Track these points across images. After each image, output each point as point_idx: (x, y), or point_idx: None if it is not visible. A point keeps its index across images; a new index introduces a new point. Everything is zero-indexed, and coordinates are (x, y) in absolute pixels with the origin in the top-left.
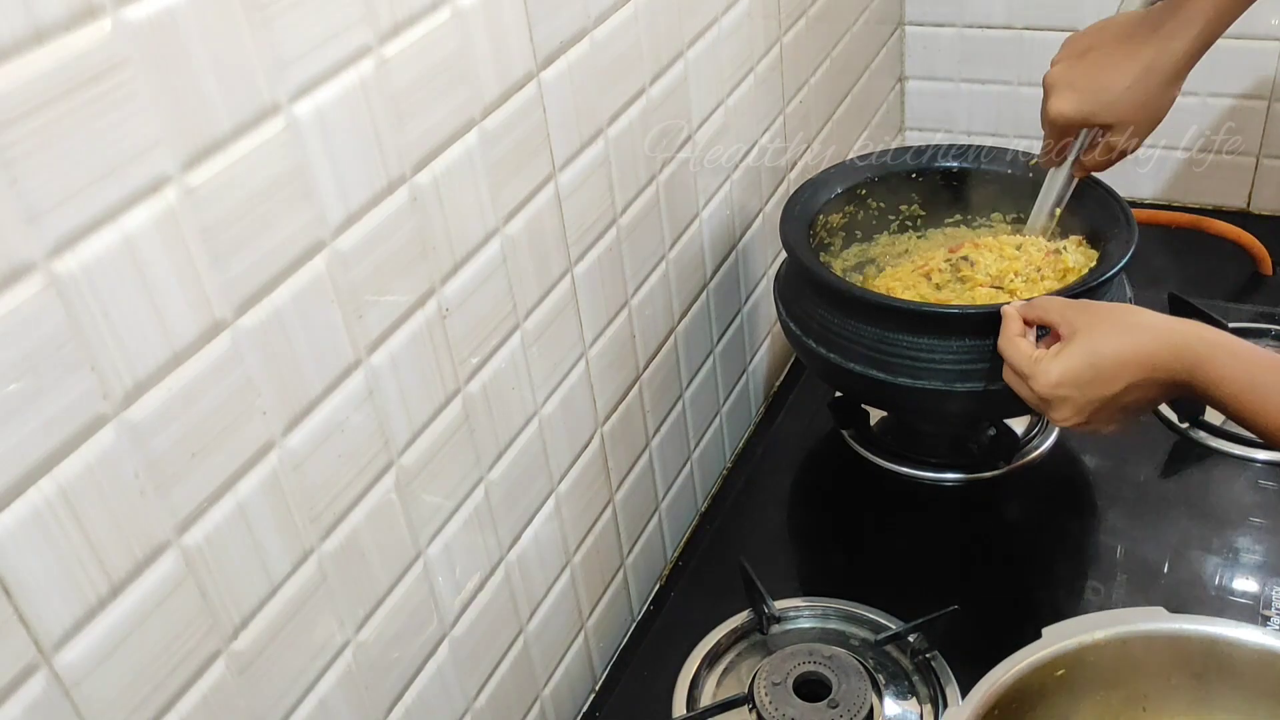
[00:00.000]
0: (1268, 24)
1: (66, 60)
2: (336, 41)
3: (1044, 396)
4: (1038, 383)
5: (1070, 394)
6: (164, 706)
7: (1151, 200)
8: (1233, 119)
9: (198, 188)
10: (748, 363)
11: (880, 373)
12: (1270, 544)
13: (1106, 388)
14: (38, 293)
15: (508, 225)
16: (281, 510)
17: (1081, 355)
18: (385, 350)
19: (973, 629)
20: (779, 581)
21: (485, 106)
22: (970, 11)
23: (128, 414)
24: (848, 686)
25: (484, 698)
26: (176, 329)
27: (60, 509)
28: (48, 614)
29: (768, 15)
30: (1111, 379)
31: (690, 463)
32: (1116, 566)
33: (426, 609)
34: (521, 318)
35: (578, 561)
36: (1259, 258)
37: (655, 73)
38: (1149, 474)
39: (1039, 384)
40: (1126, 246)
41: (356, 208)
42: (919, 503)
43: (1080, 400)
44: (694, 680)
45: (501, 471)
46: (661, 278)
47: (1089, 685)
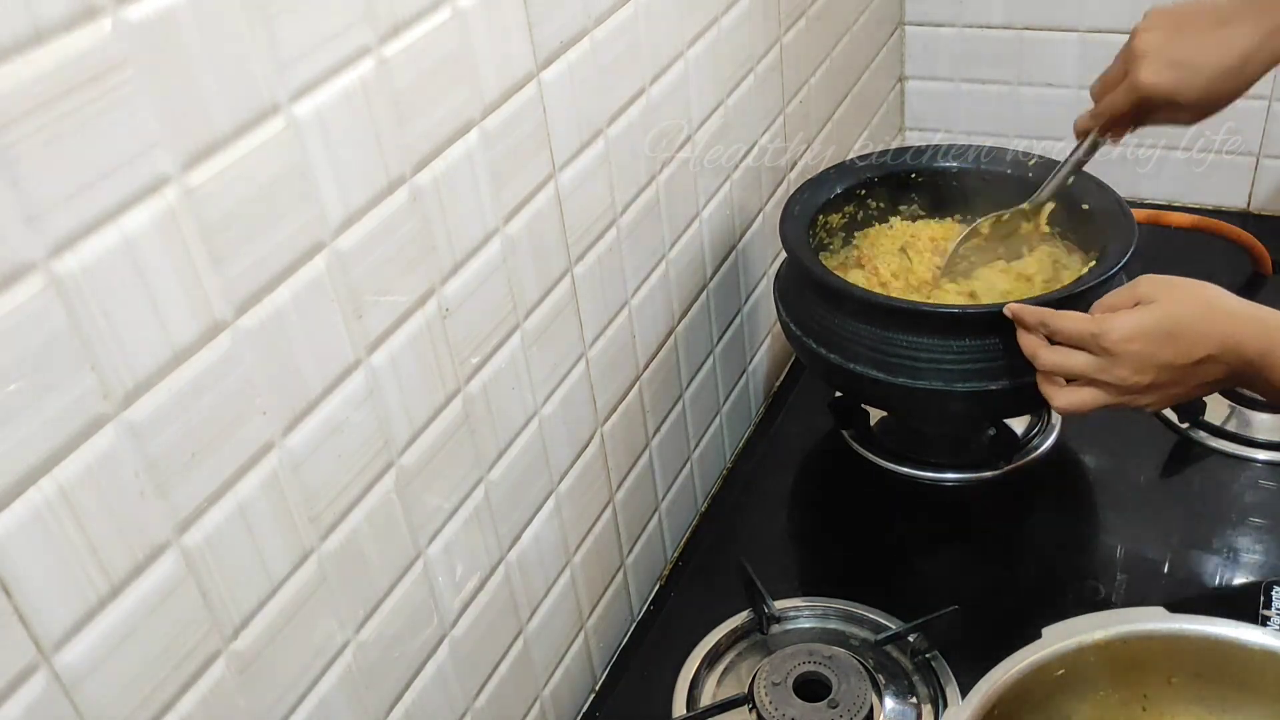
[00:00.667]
0: None
1: (66, 60)
2: (336, 41)
3: (1113, 350)
4: (1109, 336)
5: (1141, 350)
6: (164, 706)
7: (1151, 200)
8: (1233, 119)
9: (198, 188)
10: (748, 363)
11: (880, 373)
12: (1270, 544)
13: (1181, 354)
14: (38, 293)
15: (508, 225)
16: (281, 510)
17: (1162, 317)
18: (385, 350)
19: (973, 629)
20: (779, 581)
21: (485, 106)
22: (970, 11)
23: (128, 414)
24: (848, 686)
25: (484, 698)
26: (176, 329)
27: (60, 509)
28: (48, 614)
29: (768, 15)
30: (1189, 346)
31: (690, 463)
32: (1116, 566)
33: (426, 609)
34: (521, 318)
35: (578, 561)
36: (1259, 258)
37: (655, 73)
38: (1149, 474)
39: (1110, 336)
40: (1126, 246)
41: (356, 208)
42: (919, 503)
43: (1149, 359)
44: (694, 680)
45: (501, 471)
46: (661, 278)
47: (1089, 685)
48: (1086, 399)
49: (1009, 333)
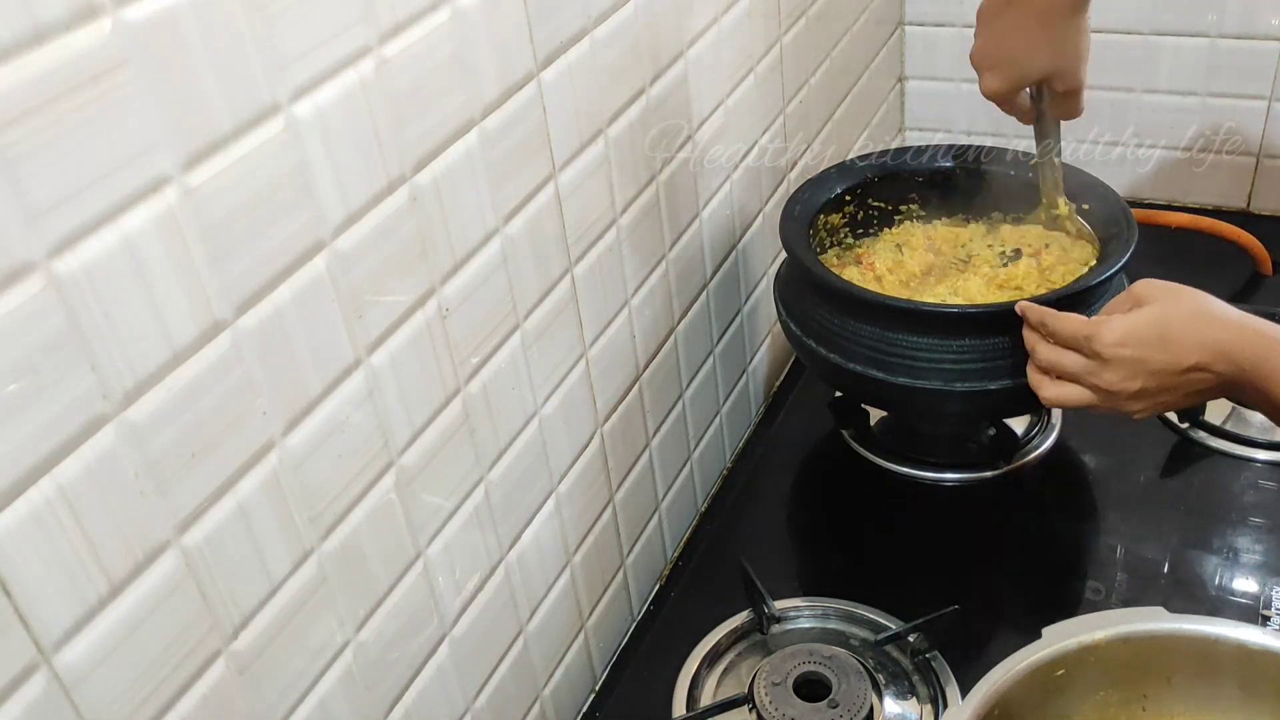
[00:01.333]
0: (1268, 24)
1: (66, 60)
2: (336, 41)
3: (1103, 354)
4: (1100, 340)
5: (1133, 354)
6: (164, 706)
7: (1151, 200)
8: (1233, 119)
9: (198, 188)
10: (748, 363)
11: (880, 373)
12: (1270, 544)
13: (1172, 359)
14: (38, 293)
15: (508, 225)
16: (281, 510)
17: (1153, 321)
18: (385, 350)
19: (973, 629)
20: (779, 581)
21: (485, 106)
22: (970, 11)
23: (128, 414)
24: (848, 686)
25: (484, 698)
26: (176, 329)
27: (60, 509)
28: (48, 614)
29: (768, 15)
30: (1180, 352)
31: (690, 463)
32: (1116, 566)
33: (426, 609)
34: (521, 318)
35: (578, 561)
36: (1259, 258)
37: (655, 73)
38: (1149, 474)
39: (1102, 340)
40: (1126, 246)
41: (356, 208)
42: (919, 503)
43: (1140, 364)
44: (694, 680)
45: (501, 471)
46: (661, 278)
47: (1089, 685)
48: (1073, 395)
49: (1008, 332)
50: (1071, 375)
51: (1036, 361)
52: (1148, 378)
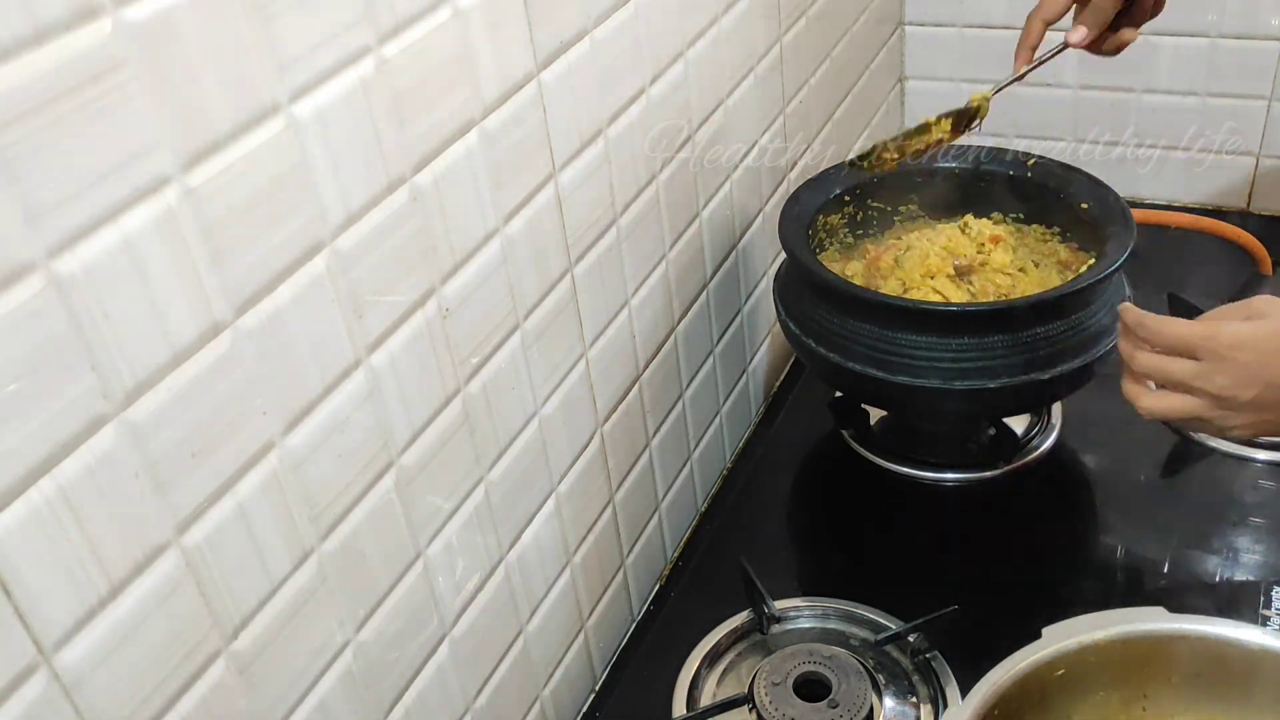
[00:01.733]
0: (1268, 24)
1: (66, 60)
2: (336, 41)
3: (1221, 353)
4: (1219, 339)
5: (1251, 360)
6: (164, 706)
7: (1151, 200)
8: (1233, 119)
9: (198, 188)
10: (748, 363)
11: (880, 372)
12: (1270, 544)
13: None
14: (38, 293)
15: (508, 225)
16: (281, 510)
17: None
18: (385, 350)
19: (973, 629)
20: (779, 581)
21: (485, 107)
22: (970, 11)
23: (128, 414)
24: (848, 686)
25: (484, 698)
26: (176, 329)
27: (60, 509)
28: (48, 614)
29: (768, 15)
30: None
31: (690, 463)
32: (1116, 566)
33: (426, 609)
34: (521, 318)
35: (578, 561)
36: (1259, 258)
37: (655, 73)
38: (1149, 474)
39: (1221, 339)
40: (1125, 246)
41: (356, 208)
42: (919, 503)
43: (1260, 370)
44: (694, 680)
45: (501, 471)
46: (661, 278)
47: (1089, 685)
48: (1176, 405)
49: (1007, 331)
50: (1177, 381)
51: (1135, 368)
52: (1264, 389)
